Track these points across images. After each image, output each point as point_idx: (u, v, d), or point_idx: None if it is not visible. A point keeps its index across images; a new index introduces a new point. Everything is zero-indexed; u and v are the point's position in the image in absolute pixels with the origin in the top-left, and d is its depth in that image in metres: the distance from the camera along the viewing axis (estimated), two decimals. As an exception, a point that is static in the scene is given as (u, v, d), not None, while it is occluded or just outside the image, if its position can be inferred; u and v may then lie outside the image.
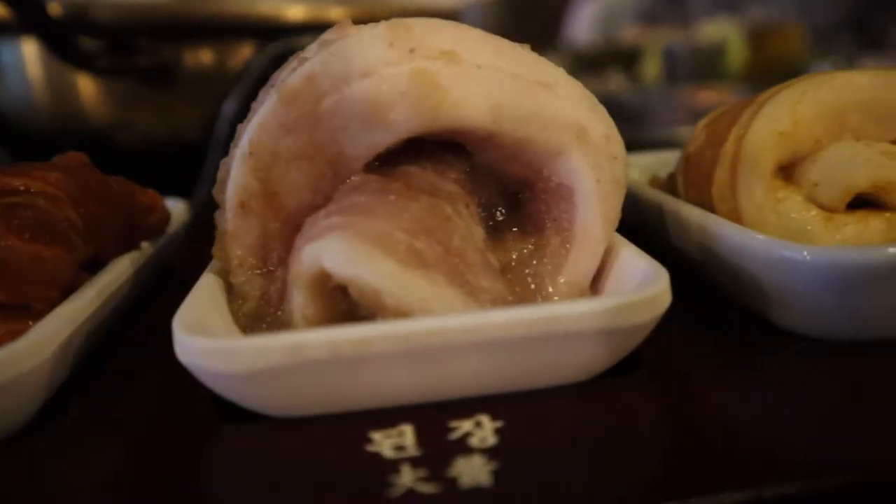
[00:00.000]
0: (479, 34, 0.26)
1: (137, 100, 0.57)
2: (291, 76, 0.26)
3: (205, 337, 0.23)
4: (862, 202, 0.30)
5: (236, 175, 0.27)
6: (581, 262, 0.27)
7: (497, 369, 0.24)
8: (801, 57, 1.30)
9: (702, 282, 0.33)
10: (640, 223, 0.36)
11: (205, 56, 0.59)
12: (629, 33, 1.70)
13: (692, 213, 0.31)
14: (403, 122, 0.25)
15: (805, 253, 0.25)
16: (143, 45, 0.54)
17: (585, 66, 1.39)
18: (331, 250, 0.24)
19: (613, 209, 0.28)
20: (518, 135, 0.26)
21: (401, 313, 0.24)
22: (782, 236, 0.29)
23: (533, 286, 0.27)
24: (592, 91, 0.29)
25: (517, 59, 0.27)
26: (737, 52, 1.31)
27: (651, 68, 1.39)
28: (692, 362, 0.27)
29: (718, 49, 1.32)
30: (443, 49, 0.25)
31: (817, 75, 0.31)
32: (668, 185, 0.36)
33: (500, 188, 0.29)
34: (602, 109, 0.29)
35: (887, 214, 0.30)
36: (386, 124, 0.26)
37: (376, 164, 0.28)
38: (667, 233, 0.34)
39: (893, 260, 0.25)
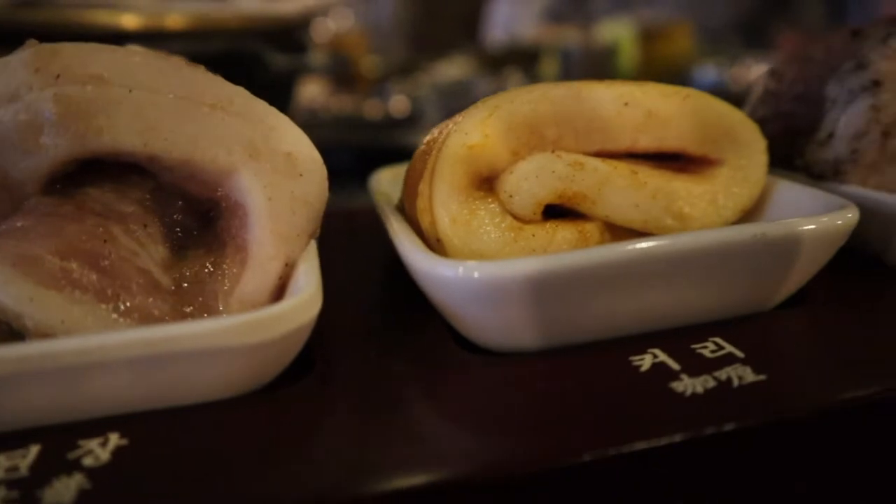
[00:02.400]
0: (139, 58, 0.27)
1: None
2: (-58, 102, 0.26)
3: None
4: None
5: None
6: (251, 280, 0.28)
7: (133, 388, 0.24)
8: (689, 56, 1.33)
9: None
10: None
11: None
12: (532, 33, 1.72)
13: (392, 226, 0.32)
14: (53, 148, 0.26)
15: (460, 268, 0.26)
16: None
17: (490, 65, 1.41)
18: (-25, 275, 0.24)
19: (292, 227, 0.28)
20: (178, 156, 0.27)
21: (43, 335, 0.24)
22: (473, 249, 0.30)
23: (204, 305, 0.27)
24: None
25: (183, 81, 0.27)
26: (629, 51, 1.33)
27: (549, 68, 1.41)
28: (369, 372, 0.28)
29: (612, 49, 1.35)
30: (91, 74, 0.26)
31: (516, 89, 0.32)
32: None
33: (190, 207, 0.29)
34: (290, 128, 0.29)
35: (579, 224, 0.32)
36: (38, 149, 0.26)
37: (58, 185, 0.28)
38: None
39: (532, 272, 0.26)
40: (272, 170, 0.28)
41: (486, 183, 0.32)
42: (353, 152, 1.00)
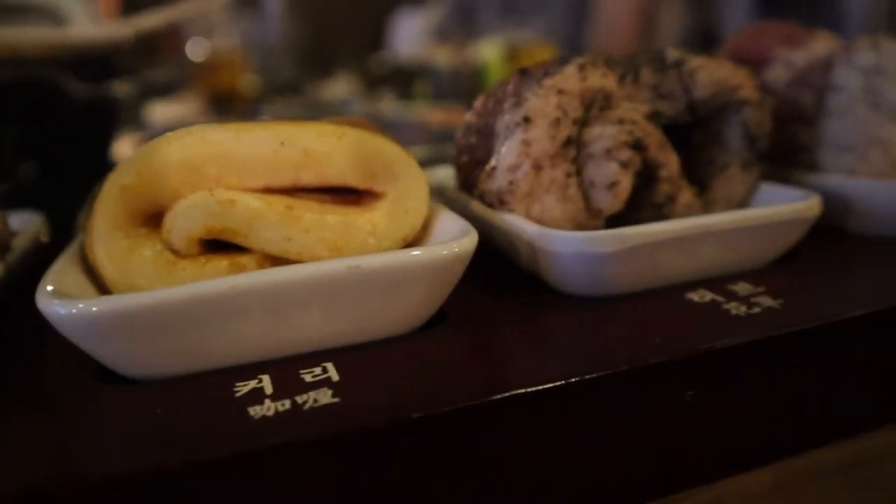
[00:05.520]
0: None
1: None
2: None
3: None
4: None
5: None
6: None
7: None
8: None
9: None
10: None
11: None
12: (416, 51, 1.75)
13: (56, 262, 0.33)
14: None
15: (72, 308, 0.28)
16: None
17: (373, 84, 1.43)
18: None
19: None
20: None
21: None
22: (129, 283, 0.32)
23: None
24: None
25: None
26: (496, 71, 1.37)
27: (421, 87, 1.44)
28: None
29: (480, 69, 1.39)
30: None
31: (177, 132, 0.34)
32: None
33: None
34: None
35: (235, 256, 0.34)
36: None
37: None
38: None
39: (128, 307, 0.28)
40: None
41: (156, 219, 0.34)
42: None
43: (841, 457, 0.40)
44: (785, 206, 0.37)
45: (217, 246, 0.34)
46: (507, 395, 0.28)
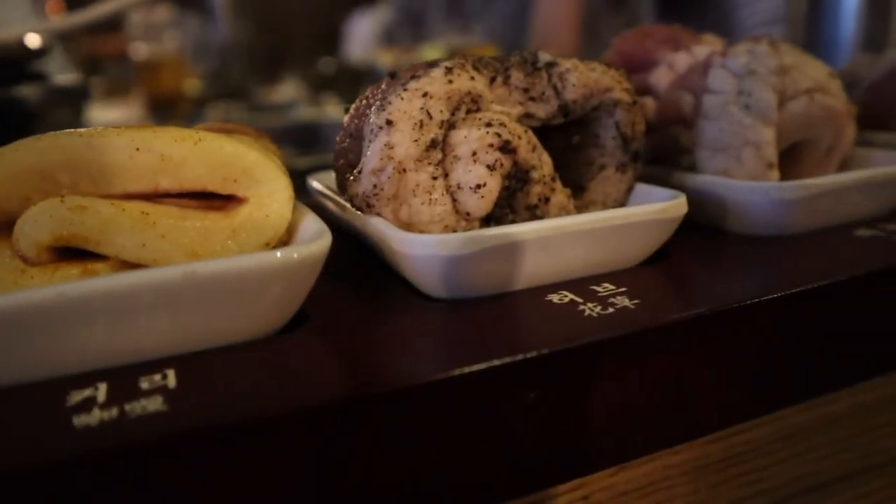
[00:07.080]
0: None
1: None
2: None
3: None
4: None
5: None
6: None
7: None
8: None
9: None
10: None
11: None
12: (363, 54, 1.75)
13: None
14: None
15: None
16: None
17: (319, 88, 1.43)
18: None
19: None
20: None
21: None
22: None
23: None
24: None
25: None
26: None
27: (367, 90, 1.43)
28: None
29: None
30: None
31: (28, 139, 0.34)
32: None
33: None
34: None
35: (88, 263, 0.33)
36: None
37: None
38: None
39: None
40: None
41: (8, 228, 0.34)
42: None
43: (715, 452, 0.41)
44: (646, 206, 0.38)
45: (78, 254, 0.34)
46: (348, 397, 0.28)
